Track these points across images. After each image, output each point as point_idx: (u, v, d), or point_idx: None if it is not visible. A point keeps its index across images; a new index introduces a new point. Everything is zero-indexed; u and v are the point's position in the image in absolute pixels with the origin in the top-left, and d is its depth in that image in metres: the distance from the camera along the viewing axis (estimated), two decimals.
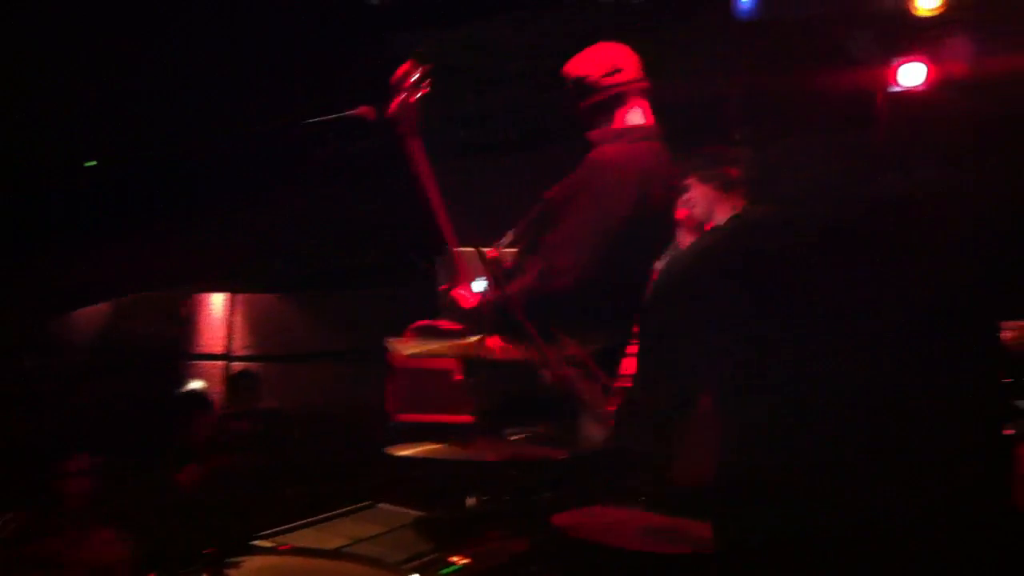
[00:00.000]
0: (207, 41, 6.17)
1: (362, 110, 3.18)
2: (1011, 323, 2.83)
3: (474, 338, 2.49)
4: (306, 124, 3.20)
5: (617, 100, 3.16)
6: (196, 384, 6.08)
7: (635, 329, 3.83)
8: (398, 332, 3.50)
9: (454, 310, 3.08)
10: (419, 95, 3.07)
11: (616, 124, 3.17)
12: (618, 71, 3.17)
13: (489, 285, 3.01)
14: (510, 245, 3.21)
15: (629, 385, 2.80)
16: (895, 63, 5.76)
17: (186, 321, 6.40)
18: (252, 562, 2.10)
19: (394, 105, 3.05)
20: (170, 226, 6.36)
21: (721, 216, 5.07)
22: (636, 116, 3.19)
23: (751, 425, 1.56)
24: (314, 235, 6.24)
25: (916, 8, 5.68)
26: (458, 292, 3.08)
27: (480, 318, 2.70)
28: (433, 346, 2.64)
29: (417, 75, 3.07)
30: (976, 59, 5.82)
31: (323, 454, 5.39)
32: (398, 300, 5.50)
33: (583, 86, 3.17)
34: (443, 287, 3.23)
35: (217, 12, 6.02)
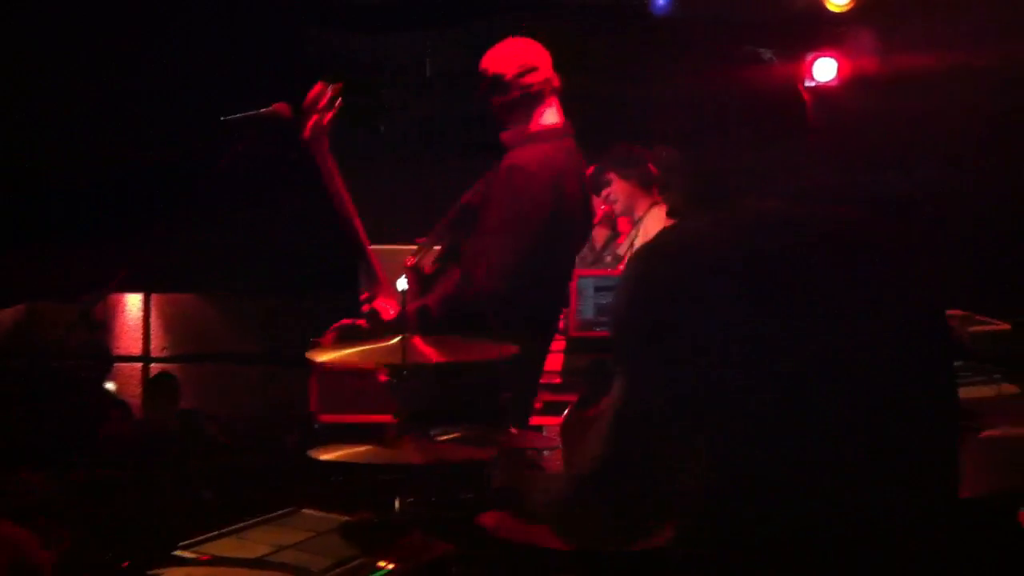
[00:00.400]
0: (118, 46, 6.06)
1: (276, 107, 3.15)
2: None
3: (396, 339, 2.48)
4: (220, 122, 3.17)
5: (531, 99, 3.18)
6: (110, 386, 5.95)
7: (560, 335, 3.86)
8: (319, 332, 3.47)
9: (376, 322, 3.07)
10: (332, 115, 3.08)
11: (530, 124, 3.18)
12: (532, 70, 3.19)
13: (408, 293, 3.01)
14: (429, 247, 3.22)
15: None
16: (808, 59, 5.88)
17: (101, 323, 6.25)
18: (173, 574, 2.06)
19: (308, 128, 3.05)
20: (85, 228, 6.22)
21: (640, 211, 5.15)
22: (550, 116, 3.22)
23: (750, 427, 1.56)
24: (233, 234, 6.15)
25: (828, 4, 5.80)
26: (379, 303, 3.07)
27: (401, 328, 2.70)
28: (354, 350, 2.61)
29: (328, 96, 3.08)
30: (884, 55, 5.98)
31: (244, 458, 5.32)
32: (320, 299, 5.45)
33: (498, 84, 3.18)
34: (364, 295, 3.21)
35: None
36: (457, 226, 3.21)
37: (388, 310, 3.08)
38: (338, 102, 3.11)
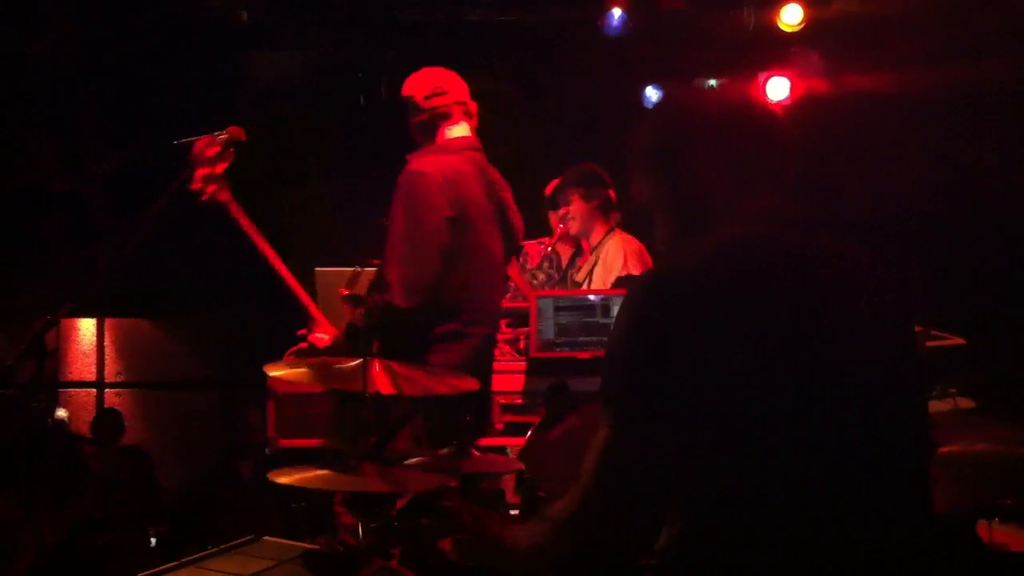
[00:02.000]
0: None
1: (231, 130, 3.14)
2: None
3: (353, 363, 2.45)
4: (173, 144, 3.15)
5: (439, 119, 3.27)
6: (61, 413, 5.84)
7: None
8: (277, 356, 3.43)
9: (315, 354, 3.07)
10: (224, 166, 3.09)
11: (436, 140, 3.26)
12: (441, 93, 3.28)
13: (348, 317, 3.03)
14: (358, 275, 3.25)
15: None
16: (762, 78, 5.95)
17: (52, 352, 6.16)
18: None
19: (197, 179, 3.05)
20: (33, 253, 6.12)
21: (596, 237, 5.15)
22: (456, 131, 3.28)
23: (744, 453, 1.57)
24: (188, 258, 6.08)
25: (780, 24, 5.88)
26: (314, 337, 3.08)
27: (340, 350, 2.70)
28: (309, 377, 2.59)
29: (217, 148, 3.07)
30: (832, 76, 6.07)
31: (203, 485, 5.25)
32: (276, 324, 5.40)
33: (409, 105, 3.31)
34: (301, 332, 3.21)
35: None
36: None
37: (322, 339, 3.09)
38: (230, 151, 3.10)
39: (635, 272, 4.79)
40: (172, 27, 6.02)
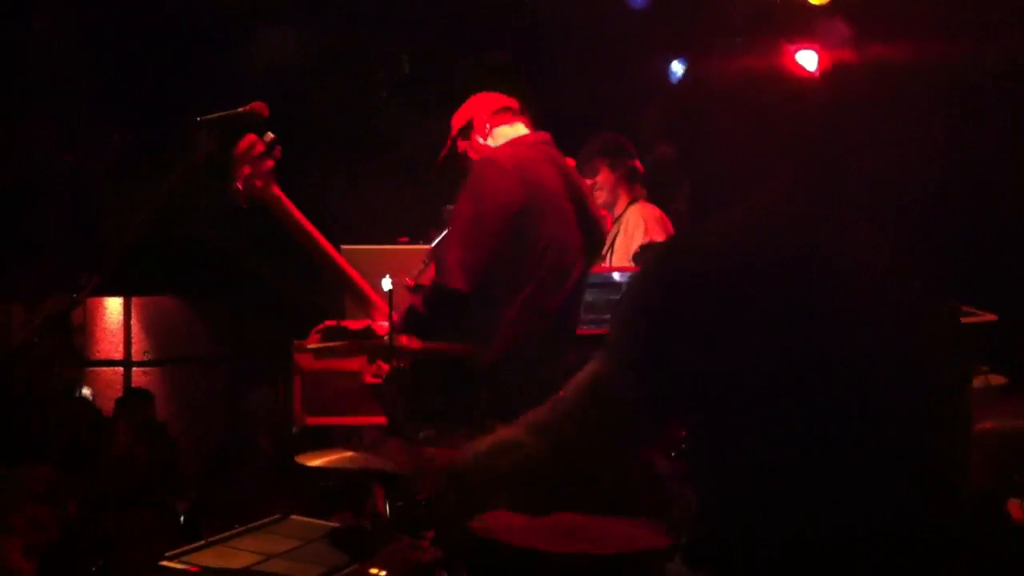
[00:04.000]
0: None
1: (254, 105, 3.10)
2: None
3: (384, 336, 2.45)
4: (196, 122, 3.11)
5: (500, 128, 3.25)
6: (85, 391, 5.90)
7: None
8: (303, 334, 3.43)
9: (342, 334, 3.02)
10: (271, 163, 3.02)
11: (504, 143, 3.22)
12: (502, 108, 3.26)
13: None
14: (427, 265, 3.20)
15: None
16: (790, 49, 5.86)
17: (78, 328, 6.21)
18: None
19: (240, 178, 3.00)
20: (58, 230, 6.16)
21: (620, 208, 5.11)
22: (521, 129, 3.24)
23: (757, 424, 1.55)
24: (213, 236, 6.10)
25: None
26: (379, 326, 3.01)
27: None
28: (341, 345, 2.58)
29: (262, 147, 3.02)
30: (862, 48, 5.99)
31: (230, 464, 5.27)
32: (304, 302, 5.41)
33: (468, 128, 3.27)
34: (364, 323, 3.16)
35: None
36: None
37: (384, 327, 3.02)
38: (277, 148, 3.05)
39: (657, 239, 4.75)
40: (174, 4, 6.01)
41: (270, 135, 3.04)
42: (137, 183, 5.60)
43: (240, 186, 2.99)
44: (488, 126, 3.24)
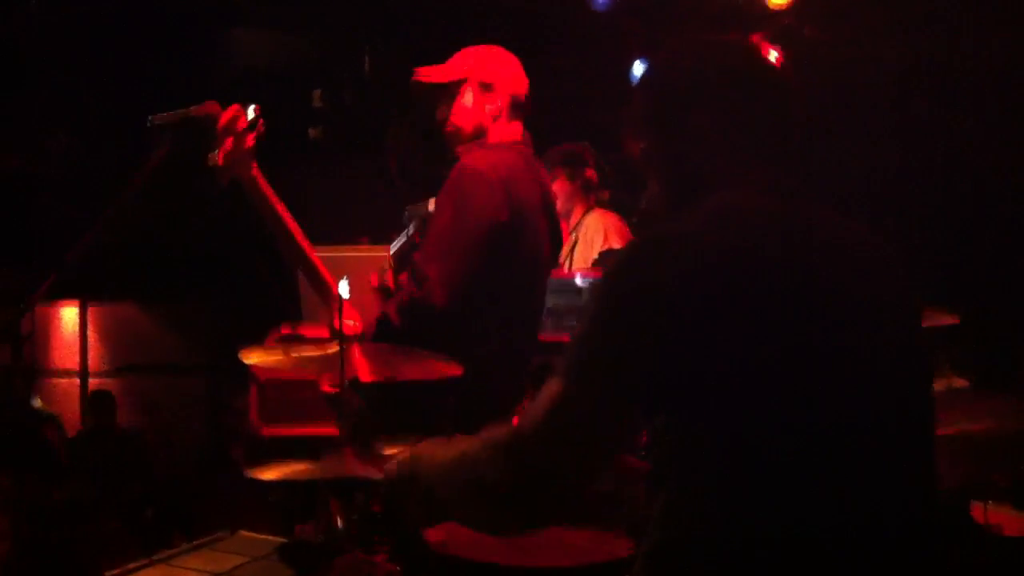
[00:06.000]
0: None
1: (207, 106, 3.00)
2: None
3: (332, 350, 2.39)
4: (149, 123, 3.00)
5: (503, 112, 3.07)
6: (36, 403, 5.78)
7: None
8: (259, 341, 3.36)
9: (300, 340, 2.93)
10: (252, 138, 2.84)
11: (490, 137, 3.07)
12: (518, 83, 3.09)
13: (376, 305, 2.89)
14: (388, 267, 3.09)
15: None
16: (762, 46, 5.86)
17: (27, 336, 6.09)
18: None
19: (222, 152, 2.81)
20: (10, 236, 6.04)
21: (576, 217, 5.08)
22: (511, 126, 3.09)
23: (741, 428, 1.51)
24: (168, 241, 6.01)
25: (768, 1, 5.80)
26: (306, 329, 2.91)
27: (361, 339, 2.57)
28: (296, 357, 2.51)
29: (247, 119, 2.88)
30: (822, 51, 6.01)
31: (179, 477, 5.18)
32: (260, 308, 5.33)
33: (474, 86, 3.08)
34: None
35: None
36: (408, 243, 3.11)
37: (351, 326, 2.91)
38: (260, 123, 2.93)
39: (616, 246, 4.73)
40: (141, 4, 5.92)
41: (255, 108, 2.91)
42: (86, 186, 5.51)
43: (220, 161, 2.80)
44: (503, 110, 3.05)
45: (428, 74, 3.10)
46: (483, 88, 3.06)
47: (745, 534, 1.51)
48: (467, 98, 3.07)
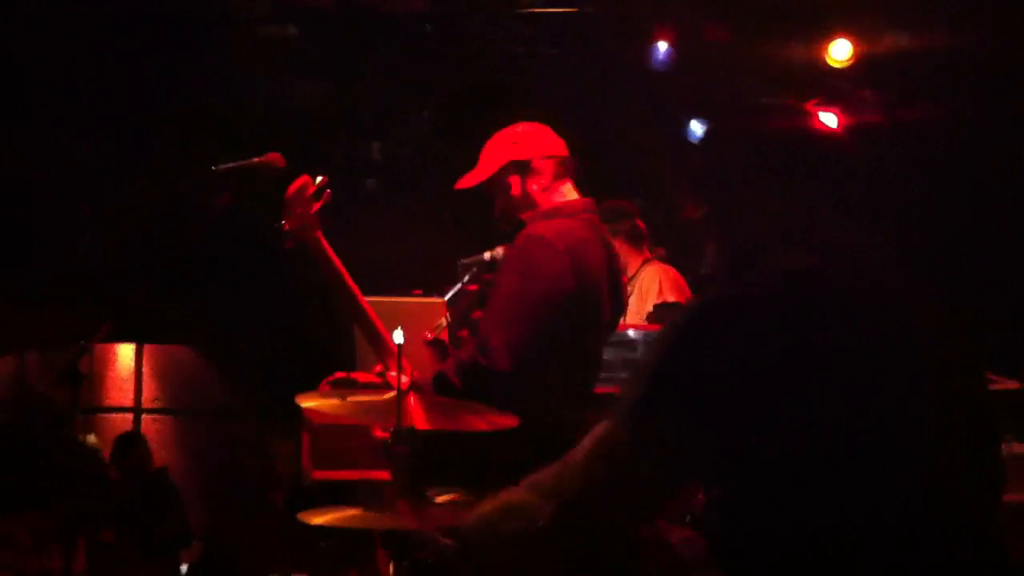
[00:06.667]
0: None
1: (269, 157, 3.09)
2: None
3: (388, 396, 2.40)
4: (212, 171, 3.09)
5: (551, 180, 3.07)
6: (92, 439, 5.85)
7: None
8: (313, 386, 3.39)
9: (353, 386, 2.97)
10: (318, 206, 2.99)
11: (546, 204, 3.07)
12: (553, 153, 3.09)
13: (432, 362, 2.92)
14: (444, 326, 3.11)
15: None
16: (816, 113, 5.86)
17: (86, 376, 6.19)
18: None
19: (290, 221, 2.97)
20: (71, 276, 6.17)
21: (632, 269, 5.07)
22: (568, 192, 3.10)
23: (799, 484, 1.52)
24: (225, 286, 6.10)
25: (828, 60, 5.81)
26: (392, 376, 2.95)
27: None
28: (353, 403, 2.52)
29: (314, 188, 3.00)
30: (882, 112, 5.99)
31: (232, 519, 5.20)
32: (313, 353, 5.37)
33: (512, 168, 3.09)
34: (377, 369, 3.10)
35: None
36: (463, 295, 3.12)
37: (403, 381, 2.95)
38: (326, 193, 3.03)
39: (670, 299, 4.71)
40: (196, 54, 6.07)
41: (322, 178, 3.02)
42: (136, 225, 5.62)
43: (288, 227, 2.96)
44: (548, 178, 3.07)
45: (467, 181, 3.16)
46: (520, 168, 3.08)
47: None
48: (509, 184, 3.09)
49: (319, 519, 2.17)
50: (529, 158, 3.07)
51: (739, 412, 1.52)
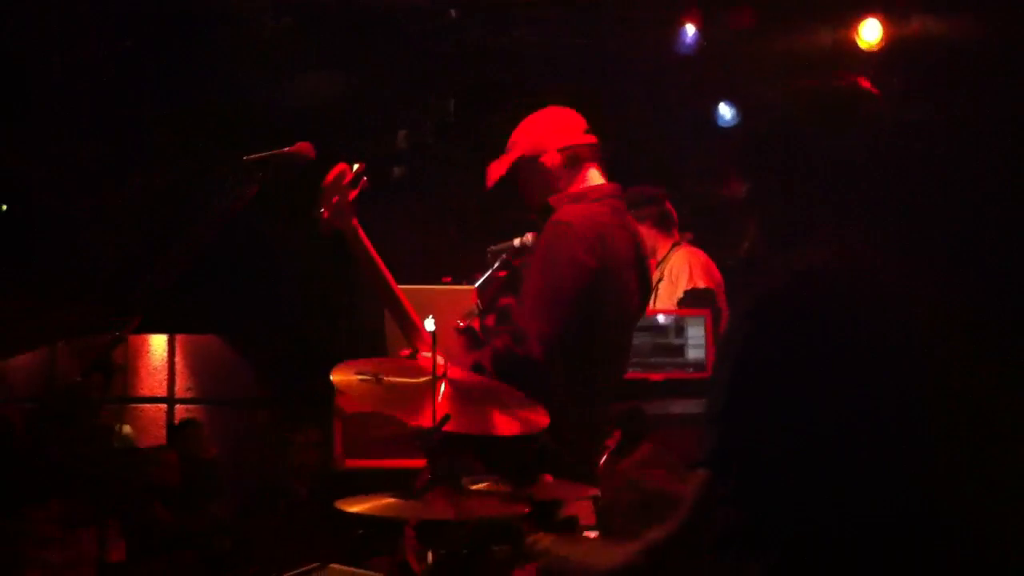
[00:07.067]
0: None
1: (299, 146, 3.09)
2: None
3: (423, 379, 2.41)
4: (241, 162, 3.10)
5: (575, 164, 3.09)
6: (126, 429, 5.91)
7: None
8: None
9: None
10: (355, 193, 3.00)
11: (571, 188, 3.09)
12: (578, 138, 3.11)
13: (462, 350, 2.94)
14: (475, 313, 3.12)
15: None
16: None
17: (121, 367, 6.24)
18: None
19: (328, 208, 2.97)
20: (104, 267, 6.21)
21: (661, 253, 5.05)
22: (594, 177, 3.11)
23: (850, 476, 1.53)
24: (258, 275, 6.12)
25: (859, 42, 5.75)
26: (423, 358, 2.96)
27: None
28: (387, 388, 2.53)
29: (351, 176, 2.99)
30: (912, 96, 5.91)
31: (267, 508, 5.24)
32: (345, 341, 5.40)
33: (536, 153, 3.11)
34: (405, 353, 3.11)
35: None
36: (493, 281, 3.13)
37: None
38: (363, 181, 3.03)
39: (701, 285, 4.69)
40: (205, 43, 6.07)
41: (359, 165, 3.03)
42: (175, 214, 5.65)
43: (327, 214, 2.97)
44: (573, 163, 3.09)
45: (495, 170, 3.17)
46: (535, 158, 3.10)
47: None
48: (527, 174, 3.12)
49: (356, 507, 2.18)
50: (554, 144, 3.09)
51: (790, 397, 1.54)
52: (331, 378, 2.46)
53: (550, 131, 3.12)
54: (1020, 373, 1.67)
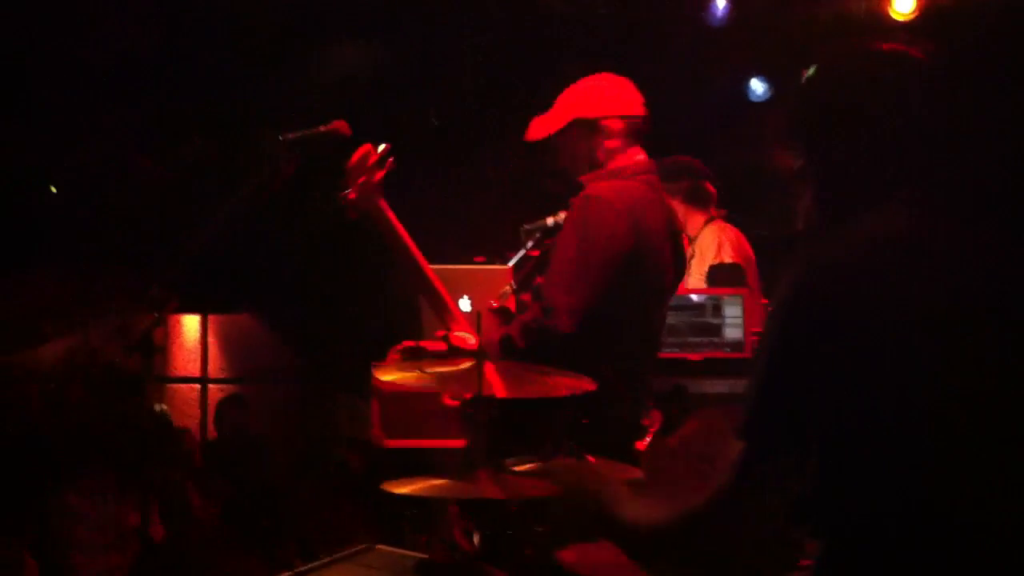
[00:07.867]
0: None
1: (336, 124, 3.08)
2: None
3: (466, 364, 2.41)
4: (278, 140, 3.09)
5: (617, 139, 3.03)
6: (160, 407, 5.96)
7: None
8: (380, 355, 3.40)
9: (421, 354, 2.99)
10: (382, 174, 2.97)
11: (611, 164, 3.03)
12: (626, 110, 3.04)
13: (494, 327, 2.92)
14: (509, 293, 3.10)
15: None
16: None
17: (160, 347, 6.29)
18: None
19: (354, 189, 2.95)
20: (138, 247, 6.25)
21: (694, 229, 4.99)
22: (635, 155, 3.05)
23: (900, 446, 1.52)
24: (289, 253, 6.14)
25: (892, 12, 5.66)
26: (456, 336, 2.96)
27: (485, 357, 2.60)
28: (421, 375, 2.53)
29: (376, 156, 2.97)
30: (946, 69, 5.82)
31: (313, 490, 5.27)
32: (380, 320, 5.39)
33: (578, 123, 3.06)
34: (440, 333, 3.10)
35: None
36: (526, 260, 3.11)
37: (467, 340, 2.96)
38: (389, 161, 3.01)
39: (728, 261, 4.64)
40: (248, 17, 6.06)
41: (385, 146, 3.01)
42: (214, 190, 5.66)
43: (353, 195, 2.95)
44: (617, 138, 3.01)
45: (536, 130, 3.10)
46: (588, 126, 3.03)
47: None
48: (574, 140, 3.05)
49: (404, 488, 2.19)
50: (600, 115, 3.01)
51: (838, 388, 1.53)
52: (376, 376, 2.47)
53: (614, 97, 3.04)
54: None
